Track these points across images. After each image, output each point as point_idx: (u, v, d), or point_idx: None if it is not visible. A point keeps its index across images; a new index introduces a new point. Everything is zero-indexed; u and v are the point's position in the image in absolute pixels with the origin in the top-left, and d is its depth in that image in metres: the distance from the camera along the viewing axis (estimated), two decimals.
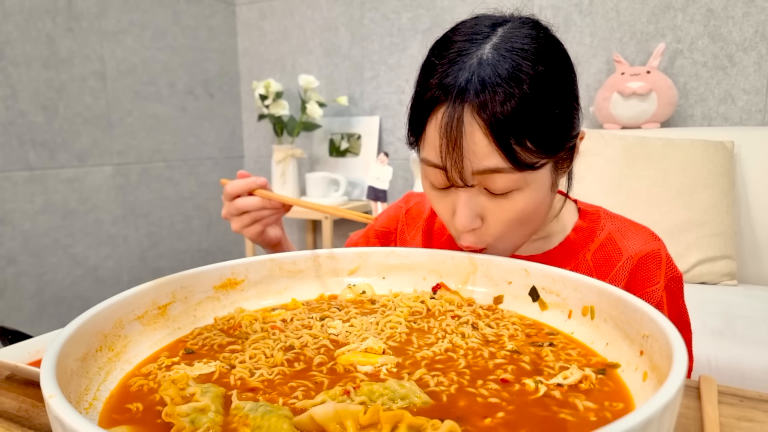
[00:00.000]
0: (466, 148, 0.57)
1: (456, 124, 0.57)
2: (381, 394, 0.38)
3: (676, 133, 1.66)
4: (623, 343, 0.44)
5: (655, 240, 0.73)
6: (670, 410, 0.28)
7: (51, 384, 0.32)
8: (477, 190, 0.60)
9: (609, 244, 0.72)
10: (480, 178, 0.59)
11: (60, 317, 1.96)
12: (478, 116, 0.56)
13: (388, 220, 0.88)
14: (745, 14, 1.69)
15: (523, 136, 0.56)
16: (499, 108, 0.55)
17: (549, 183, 0.62)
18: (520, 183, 0.59)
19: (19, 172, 1.83)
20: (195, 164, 2.45)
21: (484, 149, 0.56)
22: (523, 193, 0.60)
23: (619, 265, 0.71)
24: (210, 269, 0.57)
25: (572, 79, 0.62)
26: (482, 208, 0.61)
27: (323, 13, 2.41)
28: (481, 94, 0.56)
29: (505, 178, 0.58)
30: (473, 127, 0.56)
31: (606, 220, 0.75)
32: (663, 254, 0.72)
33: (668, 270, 0.72)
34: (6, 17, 1.75)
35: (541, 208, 0.63)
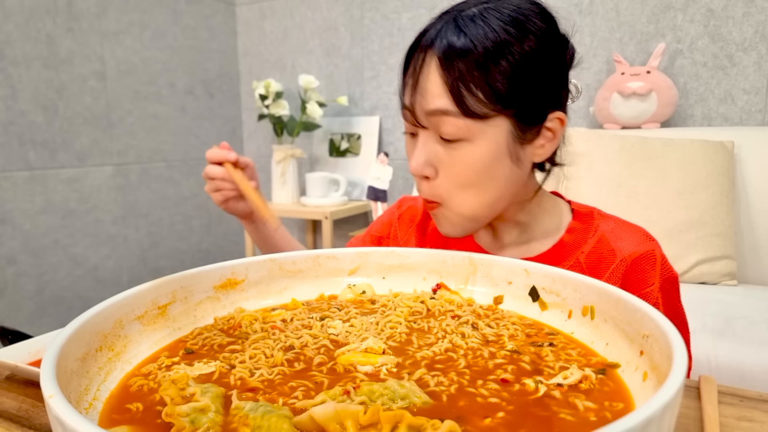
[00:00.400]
0: (421, 87, 0.63)
1: (419, 65, 0.63)
2: (381, 394, 0.38)
3: (676, 133, 1.66)
4: (623, 343, 0.44)
5: (650, 240, 0.72)
6: (670, 410, 0.28)
7: (51, 384, 0.32)
8: (433, 138, 0.64)
9: (602, 246, 0.71)
10: (432, 121, 0.63)
11: (60, 317, 1.96)
12: (437, 58, 0.61)
13: (382, 225, 0.88)
14: (745, 14, 1.69)
15: (473, 84, 0.60)
16: (456, 53, 0.60)
17: (506, 148, 0.63)
18: (468, 133, 0.62)
19: (19, 172, 1.83)
20: (195, 164, 2.45)
21: (436, 89, 0.61)
22: (471, 145, 0.62)
23: (613, 266, 0.70)
24: (210, 269, 0.57)
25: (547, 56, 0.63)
26: (435, 156, 0.65)
27: (323, 13, 2.41)
28: (445, 39, 0.61)
29: (452, 123, 0.61)
30: (430, 68, 0.62)
31: (599, 221, 0.74)
32: (657, 255, 0.71)
33: (663, 271, 0.71)
34: (6, 17, 1.75)
35: (494, 173, 0.64)
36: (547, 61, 0.63)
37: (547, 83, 0.64)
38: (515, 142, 0.64)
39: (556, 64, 0.64)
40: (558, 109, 0.66)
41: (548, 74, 0.63)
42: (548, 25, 0.64)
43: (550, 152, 0.68)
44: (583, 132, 1.64)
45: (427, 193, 0.67)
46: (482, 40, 0.60)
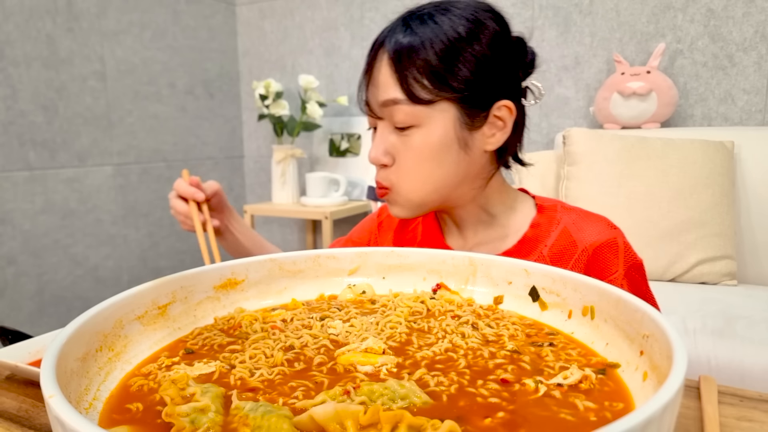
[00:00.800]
0: (374, 80, 0.69)
1: (372, 60, 0.70)
2: (381, 394, 0.38)
3: (676, 133, 1.66)
4: (623, 343, 0.44)
5: (612, 229, 0.74)
6: (670, 410, 0.28)
7: (51, 384, 0.32)
8: (389, 128, 0.70)
9: (564, 237, 0.73)
10: (386, 111, 0.69)
11: (60, 317, 1.96)
12: (388, 53, 0.67)
13: (362, 232, 0.91)
14: (745, 14, 1.69)
15: (418, 72, 0.65)
16: (403, 47, 0.66)
17: (453, 134, 0.68)
18: (417, 119, 0.67)
19: (19, 172, 1.83)
20: (195, 164, 2.45)
21: (388, 80, 0.67)
22: (420, 130, 0.68)
23: (576, 256, 0.72)
24: (210, 269, 0.57)
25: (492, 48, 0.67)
26: (391, 146, 0.70)
27: (323, 13, 2.41)
28: (394, 36, 0.68)
29: (403, 110, 0.67)
30: (382, 63, 0.68)
31: (562, 214, 0.76)
32: (620, 242, 0.73)
33: (627, 257, 0.73)
34: (6, 17, 1.75)
35: (443, 158, 0.68)
36: (491, 52, 0.67)
37: (492, 72, 0.68)
38: (463, 128, 0.68)
39: (500, 55, 0.68)
40: (507, 98, 0.69)
41: (492, 64, 0.68)
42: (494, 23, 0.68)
43: (501, 141, 0.71)
44: (583, 132, 1.64)
45: (381, 177, 0.72)
46: (427, 34, 0.66)
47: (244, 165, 2.73)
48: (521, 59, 0.72)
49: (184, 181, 0.79)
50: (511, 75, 0.70)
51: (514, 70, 0.71)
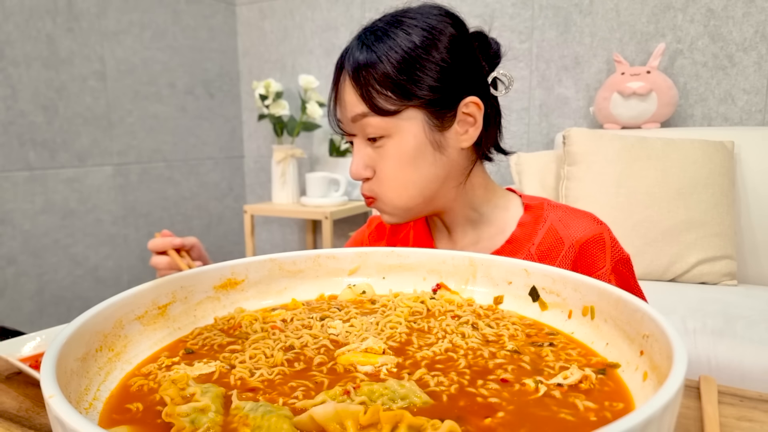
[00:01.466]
0: (341, 98, 0.72)
1: (336, 80, 0.72)
2: (381, 394, 0.38)
3: (676, 133, 1.66)
4: (623, 343, 0.44)
5: (598, 224, 0.74)
6: (670, 410, 0.28)
7: (51, 384, 0.32)
8: (363, 142, 0.72)
9: (551, 235, 0.74)
10: (358, 127, 0.71)
11: (60, 317, 1.96)
12: (350, 71, 0.70)
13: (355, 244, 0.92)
14: (745, 14, 1.69)
15: (379, 85, 0.67)
16: (361, 65, 0.68)
17: (423, 137, 0.69)
18: (387, 130, 0.69)
19: (19, 172, 1.83)
20: (195, 164, 2.45)
21: (353, 98, 0.69)
22: (391, 140, 0.69)
23: (562, 253, 0.73)
24: (210, 269, 0.57)
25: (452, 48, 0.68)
26: (370, 159, 0.72)
27: (323, 13, 2.41)
28: (352, 56, 0.70)
29: (372, 123, 0.69)
30: (345, 82, 0.71)
31: (549, 211, 0.76)
32: (606, 237, 0.73)
33: (614, 252, 0.74)
34: (6, 17, 1.75)
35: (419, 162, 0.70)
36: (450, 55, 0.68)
37: (453, 74, 0.69)
38: (433, 131, 0.70)
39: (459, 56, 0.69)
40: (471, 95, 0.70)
41: (452, 66, 0.68)
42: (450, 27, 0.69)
43: (475, 137, 0.72)
44: (583, 132, 1.64)
45: (365, 189, 0.74)
46: (381, 49, 0.68)
47: (244, 165, 2.73)
48: (485, 53, 0.72)
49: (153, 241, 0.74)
50: (474, 72, 0.71)
51: (477, 66, 0.71)
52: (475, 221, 0.78)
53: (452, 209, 0.77)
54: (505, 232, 0.77)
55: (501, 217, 0.78)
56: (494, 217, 0.78)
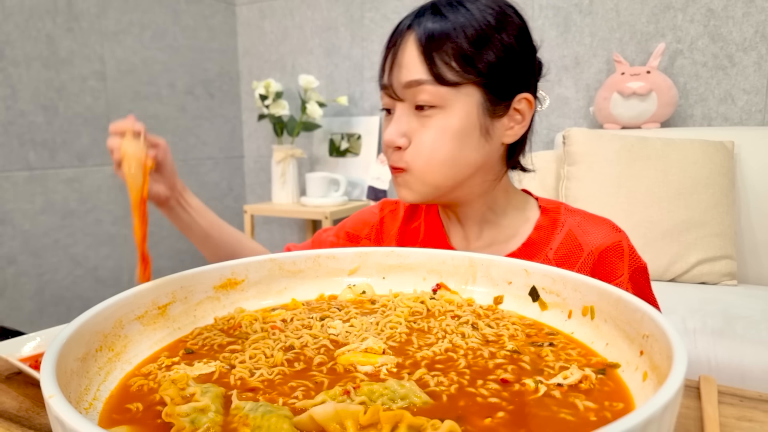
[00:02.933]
0: (399, 62, 0.69)
1: (398, 43, 0.69)
2: (381, 394, 0.38)
3: (676, 133, 1.66)
4: (623, 343, 0.44)
5: (617, 232, 0.74)
6: (670, 410, 0.28)
7: (51, 384, 0.32)
8: (408, 110, 0.69)
9: (569, 240, 0.73)
10: (409, 93, 0.68)
11: (60, 317, 1.96)
12: (414, 35, 0.68)
13: (359, 223, 0.89)
14: (745, 14, 1.69)
15: (446, 53, 0.66)
16: (430, 27, 0.67)
17: (476, 120, 0.68)
18: (441, 101, 0.67)
19: (19, 172, 1.83)
20: (195, 164, 2.45)
21: (413, 61, 0.67)
22: (443, 113, 0.68)
23: (581, 260, 0.72)
24: (210, 269, 0.57)
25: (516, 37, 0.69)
26: (409, 127, 0.70)
27: (323, 13, 2.41)
28: (422, 20, 0.68)
29: (427, 91, 0.67)
30: (408, 43, 0.68)
31: (566, 216, 0.75)
32: (625, 246, 0.73)
33: (632, 261, 0.73)
34: (6, 17, 1.75)
35: (463, 143, 0.68)
36: (517, 43, 0.69)
37: (516, 63, 0.69)
38: (485, 115, 0.69)
39: (524, 48, 0.70)
40: (527, 92, 0.70)
41: (517, 55, 0.69)
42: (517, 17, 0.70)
43: (519, 134, 0.71)
44: (583, 132, 1.64)
45: (396, 159, 0.71)
46: (456, 20, 0.66)
47: (244, 165, 2.73)
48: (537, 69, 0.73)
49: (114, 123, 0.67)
50: (530, 71, 0.71)
51: (532, 67, 0.72)
52: (490, 221, 0.77)
53: (472, 204, 0.76)
54: (521, 235, 0.76)
55: (517, 219, 0.77)
56: (511, 218, 0.77)
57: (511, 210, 0.77)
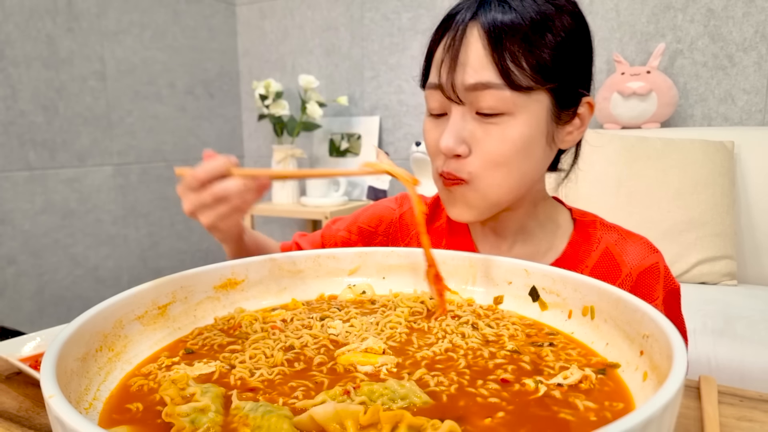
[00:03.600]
0: (462, 60, 0.59)
1: (459, 37, 0.60)
2: (381, 394, 0.38)
3: (676, 133, 1.66)
4: (623, 343, 0.44)
5: (654, 252, 0.71)
6: (670, 410, 0.28)
7: (51, 384, 0.32)
8: (468, 114, 0.61)
9: (607, 259, 0.70)
10: (472, 96, 0.60)
11: (60, 317, 1.96)
12: (481, 30, 0.59)
13: (374, 218, 0.82)
14: (745, 14, 1.69)
15: (519, 55, 0.58)
16: (501, 24, 0.58)
17: (544, 127, 0.62)
18: (511, 107, 0.59)
19: (19, 172, 1.83)
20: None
21: (480, 61, 0.59)
22: (512, 119, 0.60)
23: (619, 281, 0.69)
24: (210, 269, 0.57)
25: (583, 36, 0.64)
26: (470, 135, 0.61)
27: (323, 13, 2.41)
28: (487, 13, 0.59)
29: (495, 96, 0.59)
30: (473, 38, 0.59)
31: (603, 232, 0.72)
32: (661, 267, 0.70)
33: (666, 283, 0.70)
34: (6, 17, 1.75)
35: (531, 152, 0.62)
36: (583, 43, 0.64)
37: (583, 64, 0.64)
38: (552, 121, 0.62)
39: (588, 48, 0.65)
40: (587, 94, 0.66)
41: (584, 55, 0.64)
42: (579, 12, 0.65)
43: (577, 140, 0.67)
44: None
45: (453, 167, 0.62)
46: (527, 12, 0.59)
47: (244, 165, 2.73)
48: None
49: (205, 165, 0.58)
50: (591, 69, 0.66)
51: (592, 65, 0.67)
52: (527, 232, 0.72)
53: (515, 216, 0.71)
54: (555, 249, 0.72)
55: (551, 231, 0.73)
56: (543, 229, 0.73)
57: (545, 219, 0.73)
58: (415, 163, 2.00)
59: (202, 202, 0.57)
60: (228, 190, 0.56)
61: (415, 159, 1.99)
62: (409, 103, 2.29)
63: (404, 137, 2.31)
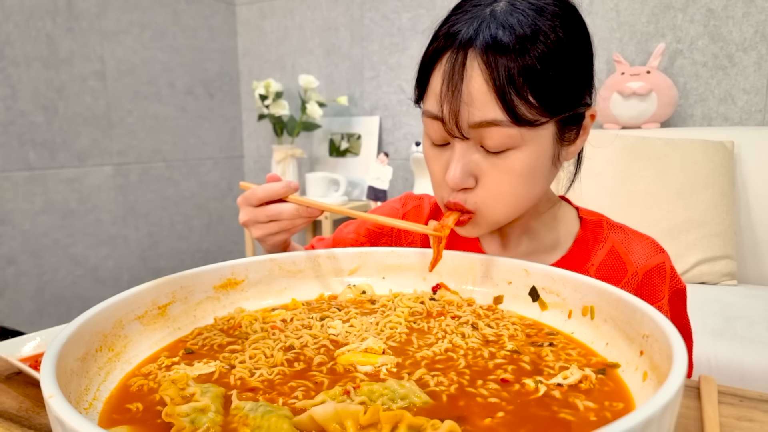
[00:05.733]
0: (465, 95, 0.56)
1: (459, 69, 0.56)
2: (381, 394, 0.38)
3: (676, 133, 1.66)
4: (623, 343, 0.44)
5: (660, 252, 0.70)
6: (670, 410, 0.28)
7: (51, 384, 0.32)
8: (473, 147, 0.59)
9: (613, 258, 0.70)
10: (477, 132, 0.57)
11: (60, 317, 1.96)
12: (482, 62, 0.55)
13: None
14: (745, 14, 1.69)
15: (525, 90, 0.55)
16: (503, 57, 0.54)
17: (550, 151, 0.60)
18: (517, 141, 0.57)
19: (19, 172, 1.83)
20: (195, 164, 2.45)
21: (484, 98, 0.55)
22: (519, 153, 0.58)
23: (625, 280, 0.68)
24: (210, 269, 0.57)
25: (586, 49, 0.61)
26: (476, 167, 0.59)
27: (323, 13, 2.40)
28: (488, 41, 0.55)
29: (501, 133, 0.56)
30: (475, 73, 0.55)
31: (609, 231, 0.72)
32: (667, 267, 0.70)
33: (672, 283, 0.70)
34: (6, 17, 1.75)
35: (537, 178, 0.61)
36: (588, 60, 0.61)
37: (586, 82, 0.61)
38: (557, 143, 0.61)
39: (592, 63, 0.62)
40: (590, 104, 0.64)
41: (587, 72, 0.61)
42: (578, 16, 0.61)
43: (580, 148, 0.66)
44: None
45: (461, 199, 0.61)
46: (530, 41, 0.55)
47: (244, 165, 2.72)
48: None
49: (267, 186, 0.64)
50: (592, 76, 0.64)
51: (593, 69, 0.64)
52: (533, 230, 0.72)
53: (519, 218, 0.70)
54: (561, 247, 0.72)
55: (557, 229, 0.72)
56: (550, 229, 0.72)
57: (551, 219, 0.72)
58: (415, 163, 2.00)
59: (255, 218, 0.65)
60: (282, 213, 0.63)
61: (415, 159, 1.99)
62: (409, 103, 2.29)
63: (404, 137, 2.31)
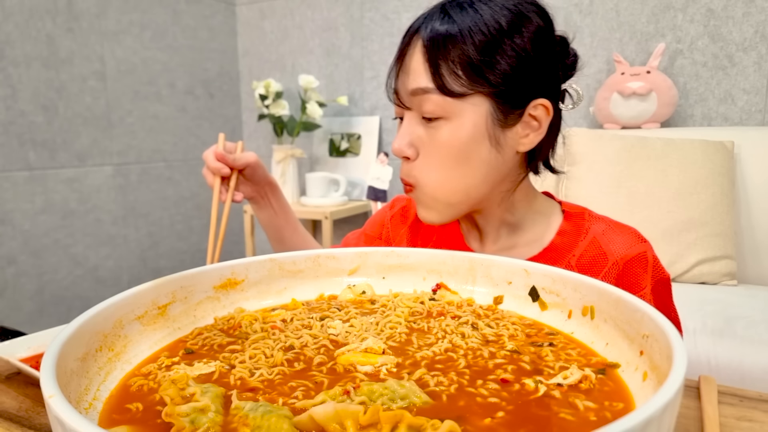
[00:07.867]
0: (405, 68, 0.66)
1: (405, 48, 0.66)
2: (381, 394, 0.38)
3: (676, 133, 1.66)
4: (623, 343, 0.44)
5: (642, 242, 0.71)
6: (670, 410, 0.28)
7: (51, 384, 0.32)
8: (416, 119, 0.67)
9: (594, 248, 0.71)
10: (415, 101, 0.65)
11: (60, 317, 1.96)
12: (422, 40, 0.64)
13: (374, 225, 0.89)
14: (745, 14, 1.69)
15: (454, 62, 0.62)
16: (439, 34, 0.63)
17: (484, 131, 0.64)
18: (447, 112, 0.64)
19: (19, 172, 1.83)
20: (195, 164, 2.45)
21: (419, 68, 0.64)
22: (449, 123, 0.64)
23: (605, 270, 0.69)
24: (210, 269, 0.57)
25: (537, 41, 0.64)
26: (417, 137, 0.67)
27: (323, 13, 2.41)
28: (430, 23, 0.64)
29: (432, 101, 0.63)
30: (415, 49, 0.65)
31: (590, 222, 0.73)
32: (649, 256, 0.70)
33: (655, 272, 0.71)
34: (6, 17, 1.75)
35: (472, 158, 0.65)
36: (533, 48, 0.64)
37: (532, 69, 0.64)
38: (495, 125, 0.65)
39: (542, 52, 0.65)
40: (545, 97, 0.66)
41: (533, 60, 0.64)
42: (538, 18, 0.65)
43: (534, 142, 0.68)
44: (583, 132, 1.64)
45: (404, 173, 0.69)
46: (465, 23, 0.62)
47: None
48: (562, 59, 0.69)
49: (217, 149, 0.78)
50: (551, 74, 0.67)
51: (554, 69, 0.67)
52: (511, 225, 0.74)
53: (491, 212, 0.73)
54: (543, 240, 0.73)
55: (539, 224, 0.74)
56: (532, 223, 0.74)
57: (532, 214, 0.74)
58: None
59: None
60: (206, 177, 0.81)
61: None
62: None
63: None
